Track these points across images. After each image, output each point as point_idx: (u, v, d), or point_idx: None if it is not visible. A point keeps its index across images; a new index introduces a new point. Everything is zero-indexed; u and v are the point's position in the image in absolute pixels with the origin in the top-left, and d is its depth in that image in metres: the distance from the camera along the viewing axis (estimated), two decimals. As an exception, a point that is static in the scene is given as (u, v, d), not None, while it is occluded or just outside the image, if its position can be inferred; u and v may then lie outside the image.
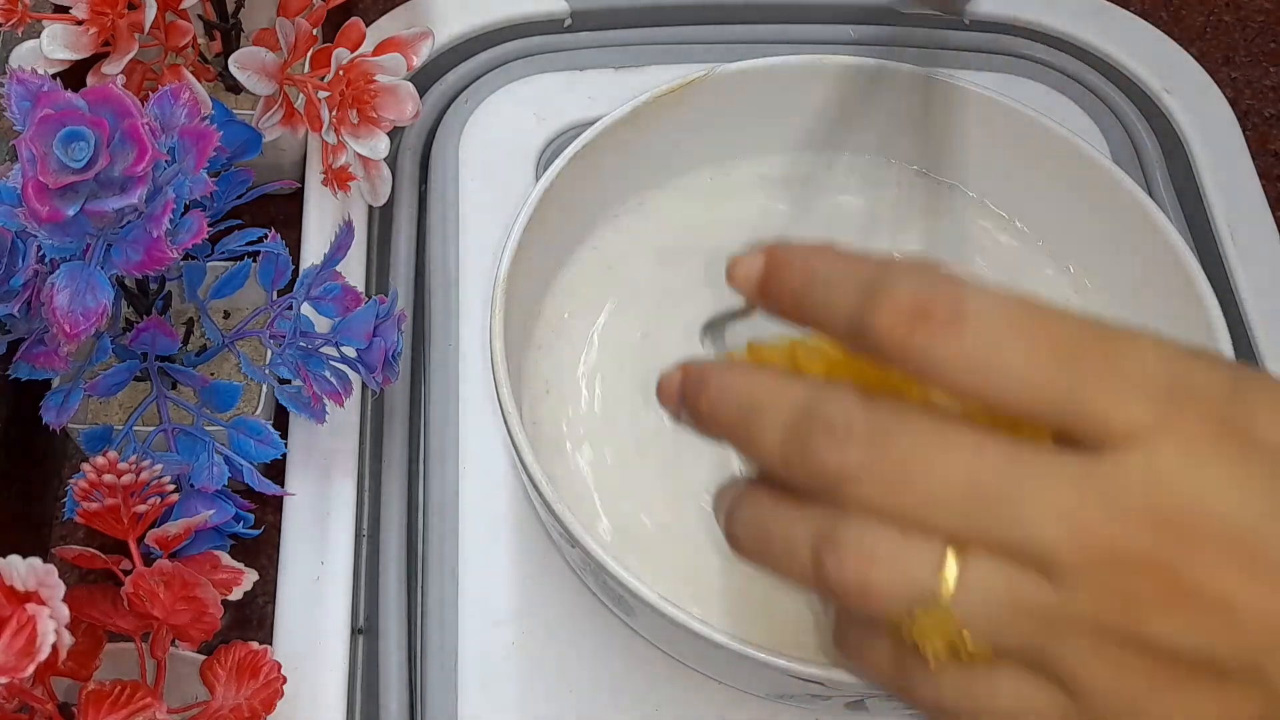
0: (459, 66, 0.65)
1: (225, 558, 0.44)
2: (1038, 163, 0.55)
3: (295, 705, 0.46)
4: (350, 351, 0.49)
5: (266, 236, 0.49)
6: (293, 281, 0.49)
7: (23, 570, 0.36)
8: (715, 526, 0.32)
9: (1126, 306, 0.54)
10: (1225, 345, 0.48)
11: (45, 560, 0.36)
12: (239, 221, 0.50)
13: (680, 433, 0.49)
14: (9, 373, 0.46)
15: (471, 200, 0.60)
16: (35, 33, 0.50)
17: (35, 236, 0.41)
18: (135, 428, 0.49)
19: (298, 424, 0.52)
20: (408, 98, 0.54)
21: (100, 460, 0.42)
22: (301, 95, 0.54)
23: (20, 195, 0.40)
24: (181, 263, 0.50)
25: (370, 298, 0.49)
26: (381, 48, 0.54)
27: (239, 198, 0.51)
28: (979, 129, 0.54)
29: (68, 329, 0.41)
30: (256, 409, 0.51)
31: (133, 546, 0.43)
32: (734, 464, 0.51)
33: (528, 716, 0.48)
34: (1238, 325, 0.58)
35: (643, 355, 0.53)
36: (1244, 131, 0.65)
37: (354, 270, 0.57)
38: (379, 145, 0.54)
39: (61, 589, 0.36)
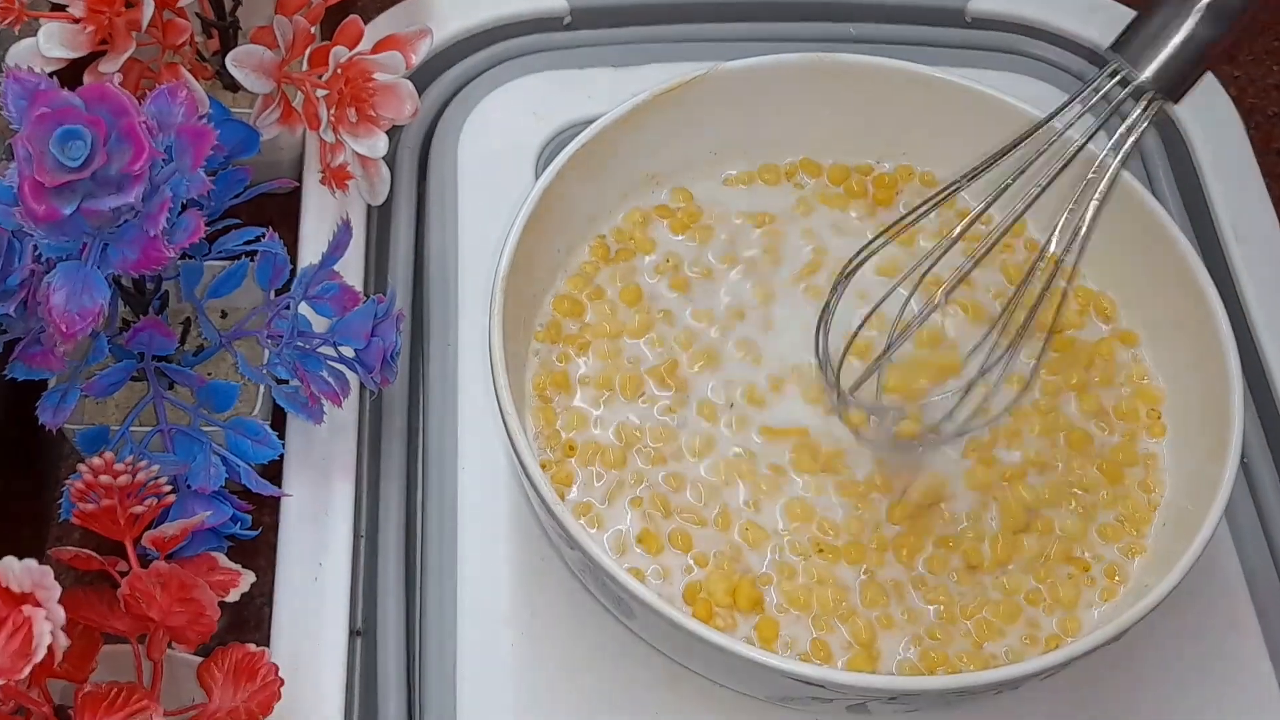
0: (458, 65, 0.65)
1: (222, 559, 0.44)
2: (1039, 161, 0.54)
3: (293, 707, 0.46)
4: (348, 351, 0.49)
5: (264, 236, 0.49)
6: (290, 281, 0.49)
7: (19, 571, 0.36)
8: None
9: (1129, 305, 0.54)
10: (1228, 343, 0.48)
11: (41, 561, 0.36)
12: (236, 220, 0.50)
13: (677, 430, 0.48)
14: (5, 373, 0.46)
15: (470, 199, 0.59)
16: (32, 30, 0.50)
17: (31, 235, 0.41)
18: (132, 428, 0.49)
19: (295, 424, 0.52)
20: (406, 96, 0.54)
21: (97, 461, 0.42)
22: (299, 94, 0.54)
23: (16, 194, 0.40)
24: (178, 262, 0.50)
25: (368, 297, 0.49)
26: (380, 46, 0.54)
27: (236, 197, 0.51)
28: (979, 127, 0.54)
29: (64, 329, 0.41)
30: (254, 409, 0.51)
31: (129, 548, 0.43)
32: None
33: (526, 719, 0.48)
34: (1240, 323, 0.58)
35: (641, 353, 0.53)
36: (1247, 130, 0.65)
37: (352, 269, 0.57)
38: (377, 144, 0.54)
39: (58, 590, 0.36)
